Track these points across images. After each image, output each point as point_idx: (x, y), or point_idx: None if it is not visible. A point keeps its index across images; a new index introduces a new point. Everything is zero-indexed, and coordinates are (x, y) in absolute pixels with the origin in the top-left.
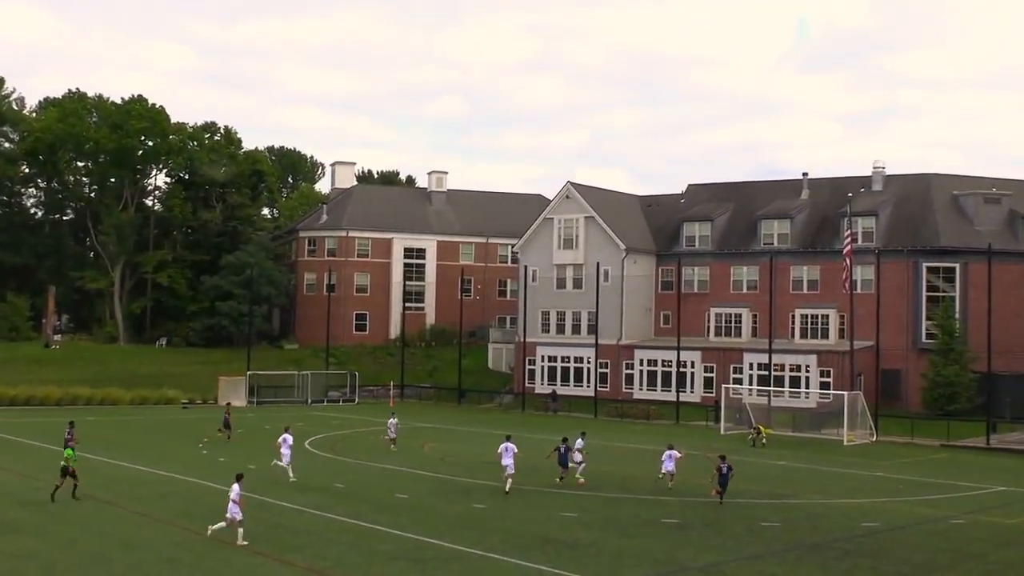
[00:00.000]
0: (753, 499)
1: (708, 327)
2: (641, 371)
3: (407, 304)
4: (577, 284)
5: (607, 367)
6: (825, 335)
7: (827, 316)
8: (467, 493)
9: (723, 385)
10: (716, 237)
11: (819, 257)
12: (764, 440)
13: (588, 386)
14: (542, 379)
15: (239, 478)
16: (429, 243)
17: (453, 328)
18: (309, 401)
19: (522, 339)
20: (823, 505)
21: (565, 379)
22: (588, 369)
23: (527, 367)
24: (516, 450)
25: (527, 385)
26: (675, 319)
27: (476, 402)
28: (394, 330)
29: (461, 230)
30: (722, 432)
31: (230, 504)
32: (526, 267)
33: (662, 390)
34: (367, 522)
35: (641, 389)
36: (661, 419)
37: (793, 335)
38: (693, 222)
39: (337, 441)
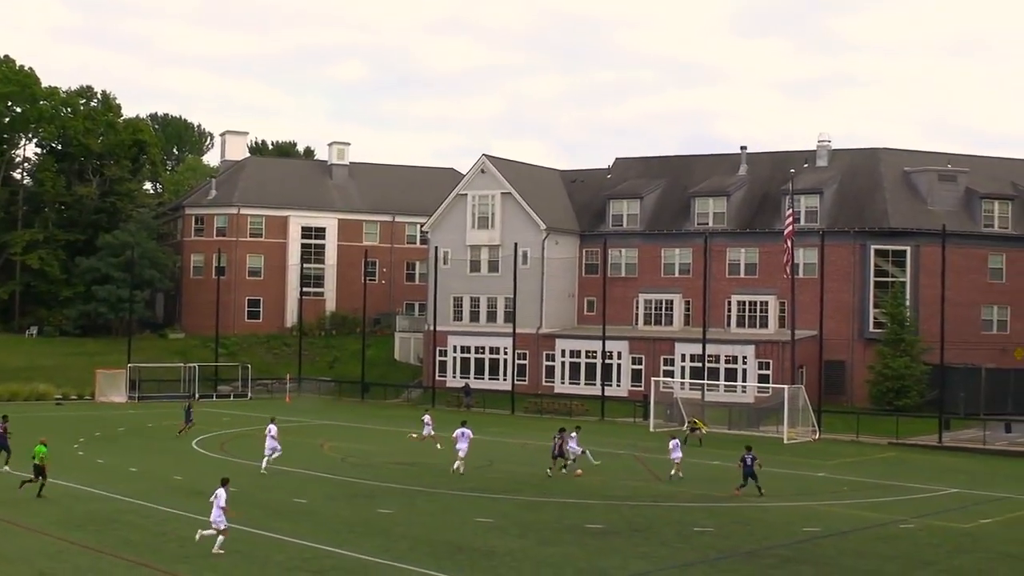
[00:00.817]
0: (685, 502)
1: (636, 315)
2: (563, 363)
3: (305, 289)
4: (493, 267)
5: (525, 358)
6: (764, 324)
7: (766, 303)
8: (371, 497)
9: (653, 378)
10: (646, 216)
11: (758, 239)
12: (702, 434)
13: (504, 379)
14: (454, 371)
15: (225, 483)
16: (329, 221)
17: (356, 315)
18: (196, 396)
19: (432, 328)
20: (761, 508)
21: (479, 372)
22: (504, 361)
23: (437, 358)
24: (472, 435)
25: (438, 378)
26: (600, 306)
27: (381, 397)
28: (291, 318)
29: (365, 207)
30: (651, 429)
31: (215, 511)
32: (436, 248)
33: (586, 383)
34: (261, 529)
35: (563, 382)
36: (585, 415)
37: (729, 324)
38: (620, 200)
39: (227, 440)
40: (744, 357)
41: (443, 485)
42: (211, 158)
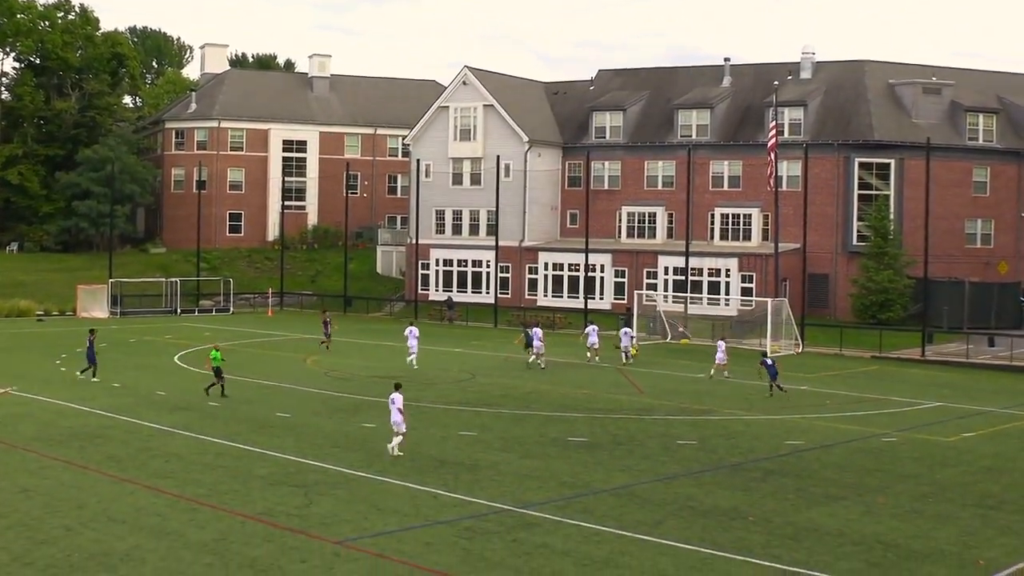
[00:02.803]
0: (668, 415)
1: (620, 227)
2: (546, 276)
3: (286, 203)
4: (475, 180)
5: (508, 272)
6: (747, 236)
7: (750, 216)
8: (355, 411)
9: (636, 291)
10: (629, 128)
11: (742, 151)
12: (630, 358)
13: (487, 292)
14: (437, 285)
15: (398, 387)
16: (311, 134)
17: (338, 229)
18: (179, 311)
19: (414, 241)
20: (744, 422)
21: (462, 285)
22: (487, 274)
23: (420, 271)
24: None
25: (420, 291)
26: (583, 218)
27: (364, 310)
28: (272, 232)
29: (346, 120)
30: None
31: (395, 414)
32: (419, 161)
33: (569, 296)
34: (245, 444)
35: (546, 295)
36: (568, 329)
37: (713, 236)
38: (603, 112)
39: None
40: (727, 270)
41: (426, 399)
42: (191, 71)
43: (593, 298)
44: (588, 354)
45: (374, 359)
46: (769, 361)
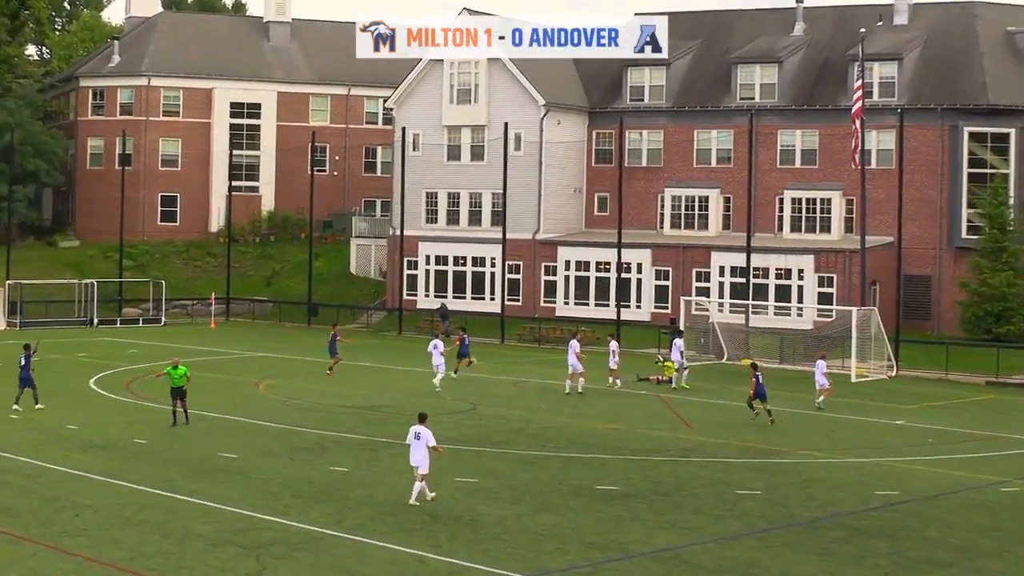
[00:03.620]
0: (725, 457)
1: (662, 215)
2: (567, 277)
3: (235, 183)
4: (477, 154)
5: (519, 272)
6: (826, 228)
7: (829, 201)
8: (321, 451)
9: (683, 297)
10: (674, 89)
11: (818, 118)
12: (672, 381)
13: (492, 298)
14: (427, 289)
15: (423, 419)
16: (266, 95)
17: (301, 217)
18: (95, 322)
19: (398, 232)
20: (823, 466)
21: (459, 289)
22: (492, 275)
23: (406, 271)
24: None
25: (406, 297)
26: (615, 204)
27: (332, 321)
28: (216, 220)
29: (312, 77)
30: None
31: (418, 452)
32: (404, 130)
33: (597, 304)
34: (180, 493)
35: (567, 303)
36: (595, 345)
37: (781, 227)
38: (641, 68)
39: (135, 378)
40: (800, 271)
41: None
42: (113, 14)
43: (628, 306)
44: (610, 378)
45: (345, 384)
46: (759, 375)
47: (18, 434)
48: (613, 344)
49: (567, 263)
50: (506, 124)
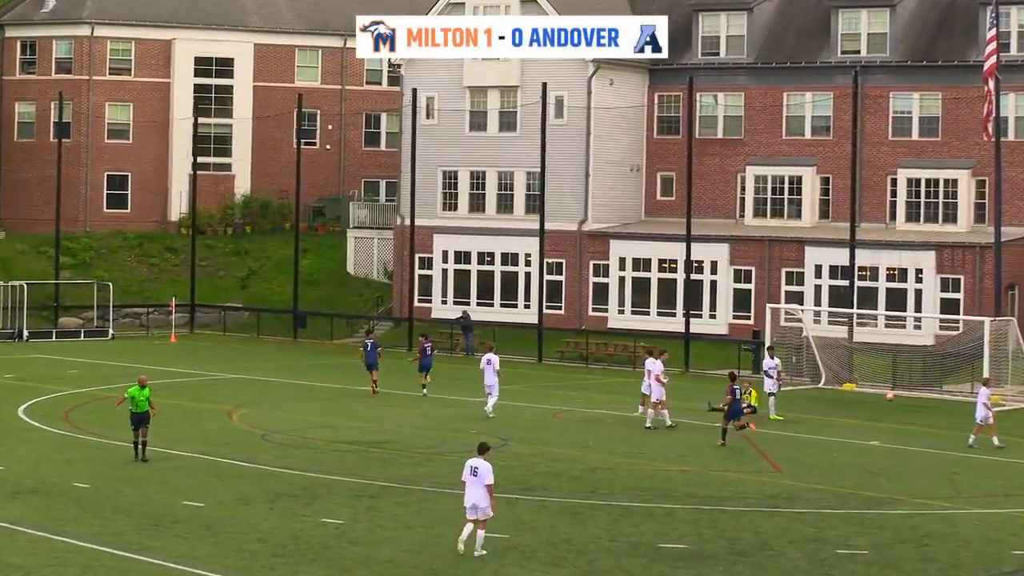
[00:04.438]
0: (821, 507)
1: (743, 201)
2: (622, 279)
3: (201, 159)
4: (507, 123)
5: (561, 273)
6: (951, 217)
7: (954, 182)
8: (310, 498)
9: (769, 305)
10: (758, 40)
11: (941, 77)
12: (753, 409)
13: (527, 306)
14: (444, 293)
15: (484, 451)
16: (240, 47)
17: (285, 202)
18: (25, 335)
19: (408, 222)
20: (943, 518)
21: (486, 294)
22: (527, 276)
23: (417, 271)
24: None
25: (418, 303)
26: (683, 186)
27: (324, 334)
28: (178, 206)
29: (296, 24)
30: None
31: (479, 492)
32: (415, 92)
33: (660, 313)
34: (133, 551)
35: (622, 311)
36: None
37: (894, 216)
38: (715, 13)
39: (75, 406)
40: (918, 271)
41: (428, 479)
42: None
43: (699, 315)
44: (640, 407)
45: (339, 414)
46: (737, 389)
47: None
48: (652, 363)
49: (622, 261)
50: (544, 85)
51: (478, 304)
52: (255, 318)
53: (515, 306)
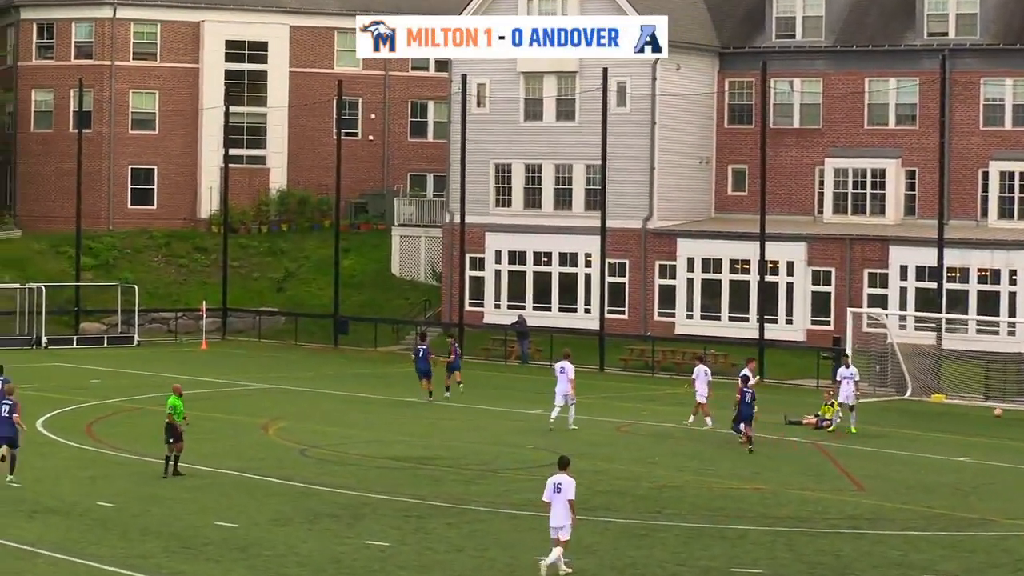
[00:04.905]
0: (908, 528)
1: (821, 196)
2: (690, 281)
3: (233, 152)
4: (565, 112)
5: (624, 274)
6: None
7: None
8: (352, 518)
9: (850, 309)
10: (838, 20)
11: None
12: (832, 422)
13: (587, 310)
14: (497, 296)
15: (564, 465)
16: (275, 30)
17: (324, 198)
18: (43, 341)
19: (458, 219)
20: None
21: (542, 297)
22: (587, 278)
23: (468, 272)
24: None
25: (469, 308)
26: (755, 180)
27: (367, 341)
28: (208, 203)
29: (336, 5)
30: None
31: (561, 511)
32: (465, 78)
33: (732, 318)
34: (159, 575)
35: (690, 316)
36: (731, 375)
37: (986, 213)
38: None
39: (98, 418)
40: (1012, 272)
41: (480, 498)
42: None
43: (774, 320)
44: (691, 418)
45: (385, 428)
46: (749, 391)
47: None
48: (701, 369)
49: (690, 262)
50: (605, 70)
51: (534, 308)
52: (292, 323)
53: (574, 310)
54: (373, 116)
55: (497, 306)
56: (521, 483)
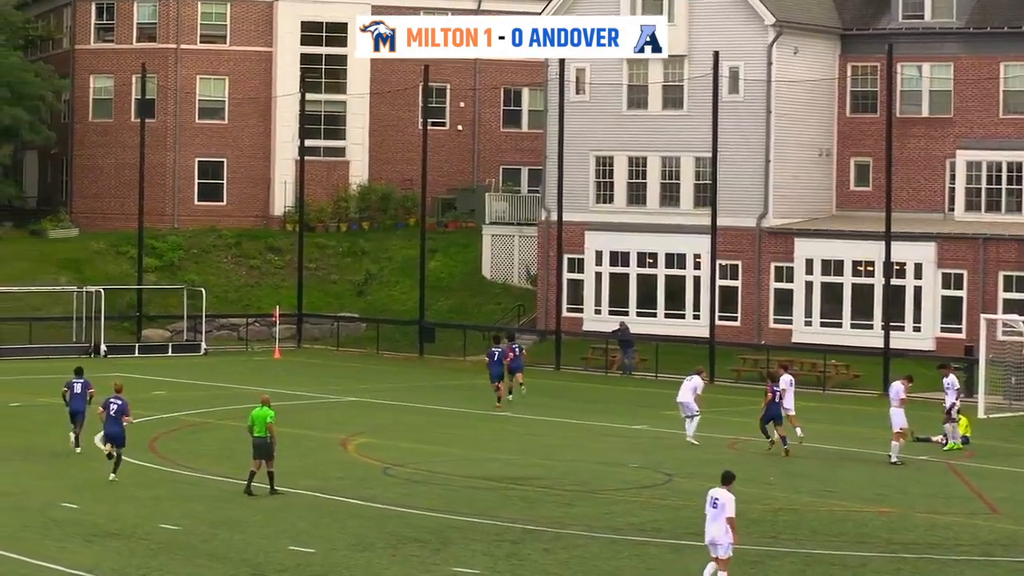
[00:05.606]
0: None
1: (952, 191)
2: (809, 284)
3: (310, 143)
4: (672, 100)
5: (736, 276)
6: None
7: None
8: (440, 543)
9: (983, 315)
10: (968, 1)
11: None
12: (949, 441)
13: (696, 316)
14: (598, 301)
15: (729, 480)
16: (354, 9)
17: (408, 194)
18: (102, 350)
19: (555, 216)
20: None
21: (647, 302)
22: (696, 281)
23: (566, 275)
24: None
25: (566, 313)
26: (882, 174)
27: (456, 349)
28: (282, 199)
29: None
30: (981, 414)
31: (714, 524)
32: (563, 63)
33: (854, 325)
34: None
35: (809, 322)
36: (852, 387)
37: None
38: None
39: (162, 433)
40: None
41: (578, 521)
42: None
43: (901, 327)
44: (798, 430)
45: (474, 444)
46: (778, 388)
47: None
48: (787, 379)
49: (808, 264)
50: (716, 54)
51: (638, 314)
52: (373, 330)
53: (682, 317)
54: (462, 104)
55: (597, 312)
56: (622, 505)
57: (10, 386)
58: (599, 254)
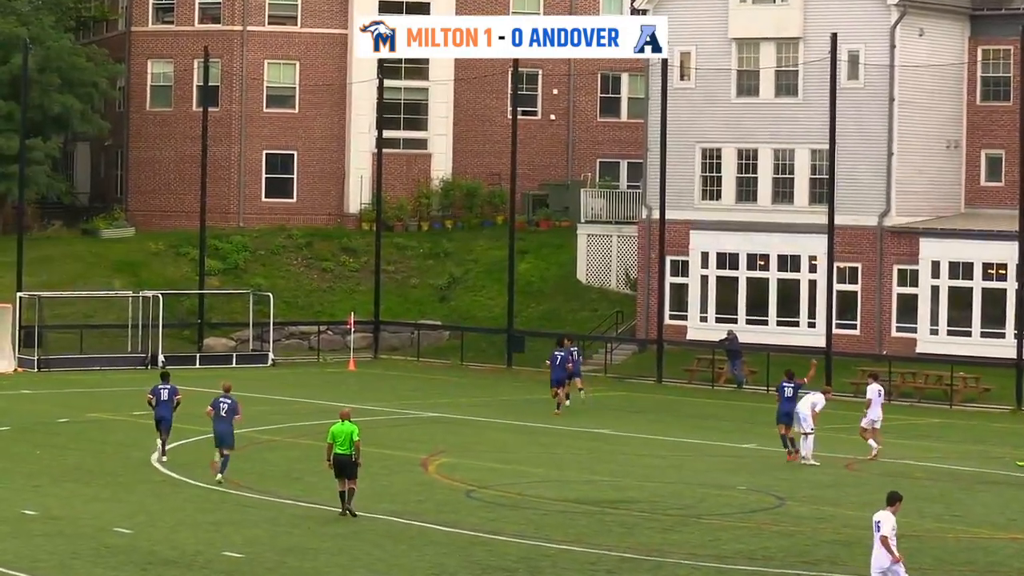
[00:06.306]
0: None
1: None
2: (935, 289)
3: (388, 135)
4: (786, 86)
5: (856, 280)
6: None
7: None
8: (531, 572)
9: None
10: None
11: None
12: None
13: (812, 324)
14: (704, 307)
15: (895, 500)
16: None
17: (495, 190)
18: (160, 360)
19: (657, 215)
20: None
21: (758, 308)
22: (812, 285)
23: (669, 279)
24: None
25: (669, 321)
26: (1016, 168)
27: (564, 336)
28: (357, 196)
29: None
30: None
31: (878, 554)
32: (665, 47)
33: (984, 334)
34: None
35: (935, 331)
36: (982, 402)
37: None
38: None
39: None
40: None
41: (680, 548)
42: None
43: None
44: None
45: (566, 464)
46: (790, 388)
47: (38, 540)
48: (875, 389)
49: (935, 266)
50: (834, 35)
51: (747, 322)
52: (457, 339)
53: (796, 324)
54: (555, 91)
55: (703, 319)
56: (729, 531)
57: (59, 400)
58: (705, 256)
